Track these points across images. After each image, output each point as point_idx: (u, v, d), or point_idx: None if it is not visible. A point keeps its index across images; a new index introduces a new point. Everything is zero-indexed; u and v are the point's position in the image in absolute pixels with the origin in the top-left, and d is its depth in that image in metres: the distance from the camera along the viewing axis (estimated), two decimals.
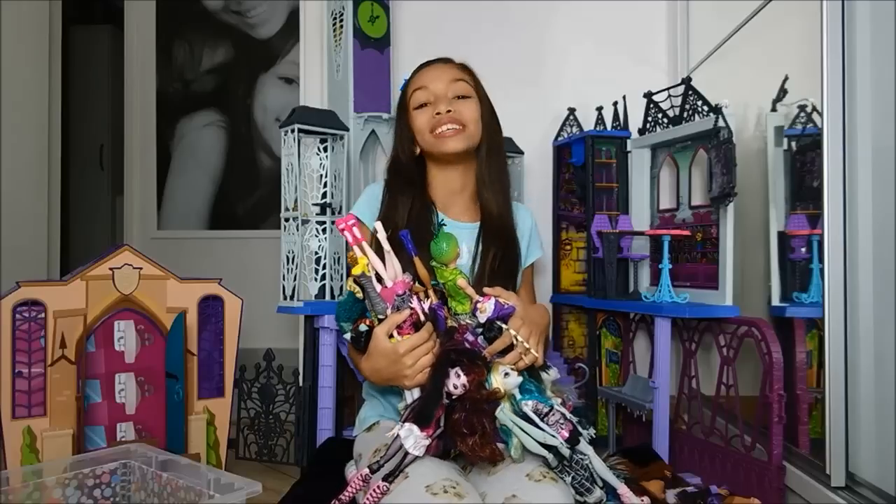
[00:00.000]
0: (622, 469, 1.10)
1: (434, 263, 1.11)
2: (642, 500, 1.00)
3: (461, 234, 1.21)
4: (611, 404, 1.67)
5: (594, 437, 1.00)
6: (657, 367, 1.46)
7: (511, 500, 0.90)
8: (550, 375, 1.06)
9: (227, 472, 1.13)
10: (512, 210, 1.36)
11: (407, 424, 0.93)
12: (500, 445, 0.97)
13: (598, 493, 0.96)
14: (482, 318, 1.03)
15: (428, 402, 0.95)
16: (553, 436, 0.94)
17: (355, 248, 1.03)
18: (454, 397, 0.95)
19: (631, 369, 1.76)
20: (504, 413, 0.95)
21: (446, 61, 1.35)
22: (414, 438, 0.92)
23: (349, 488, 0.93)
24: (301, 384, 1.66)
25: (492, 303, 1.03)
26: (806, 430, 1.34)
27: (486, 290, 1.08)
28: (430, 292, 1.07)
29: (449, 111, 1.26)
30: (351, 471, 1.22)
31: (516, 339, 1.03)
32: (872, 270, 1.15)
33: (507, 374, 0.97)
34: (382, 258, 1.04)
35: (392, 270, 1.04)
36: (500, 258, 1.27)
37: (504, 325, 1.04)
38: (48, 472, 1.18)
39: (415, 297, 1.04)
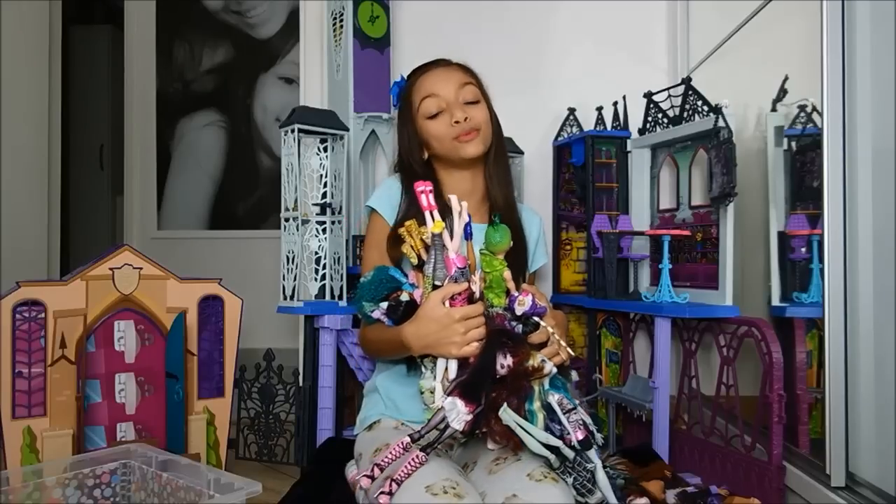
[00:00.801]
0: (622, 469, 1.10)
1: (484, 252, 1.11)
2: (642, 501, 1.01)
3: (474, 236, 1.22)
4: (611, 404, 1.67)
5: (602, 444, 1.00)
6: (657, 367, 1.46)
7: (511, 499, 0.90)
8: (574, 375, 1.08)
9: (227, 472, 1.13)
10: (517, 210, 1.37)
11: (451, 398, 0.94)
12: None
13: (599, 494, 0.96)
14: (519, 312, 1.05)
15: (478, 376, 0.96)
16: (568, 433, 0.95)
17: (427, 213, 1.05)
18: (497, 377, 0.96)
19: (631, 369, 1.76)
20: (507, 413, 0.95)
21: (447, 64, 1.34)
22: (457, 412, 0.92)
23: (389, 454, 0.94)
24: (301, 384, 1.66)
25: (530, 298, 1.05)
26: (806, 430, 1.34)
27: (524, 286, 1.09)
28: (475, 279, 1.08)
29: (466, 118, 1.27)
30: (351, 470, 1.22)
31: (553, 336, 1.05)
32: (872, 270, 1.15)
33: (543, 360, 0.99)
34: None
35: (457, 243, 1.06)
36: (510, 259, 1.28)
37: (541, 322, 1.06)
38: (48, 472, 1.18)
39: (474, 275, 1.06)
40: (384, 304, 1.10)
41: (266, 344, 1.83)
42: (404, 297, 1.09)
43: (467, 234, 1.08)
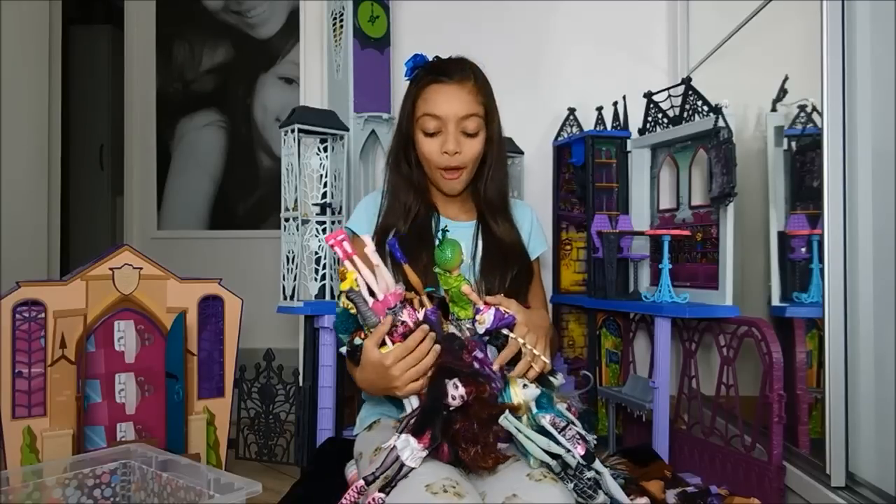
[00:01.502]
0: (622, 469, 1.10)
1: (438, 270, 1.09)
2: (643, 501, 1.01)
3: (460, 234, 1.21)
4: (611, 404, 1.67)
5: (595, 445, 1.00)
6: (657, 367, 1.46)
7: (511, 499, 0.90)
8: (558, 380, 1.06)
9: (227, 472, 1.13)
10: (509, 208, 1.37)
11: (403, 436, 0.93)
12: (503, 446, 0.97)
13: (601, 497, 0.95)
14: (481, 330, 1.02)
15: (424, 415, 0.95)
16: (568, 450, 0.94)
17: (346, 262, 1.02)
18: (452, 408, 0.94)
19: (631, 369, 1.76)
20: (507, 420, 0.94)
21: (461, 80, 1.27)
22: (410, 450, 0.91)
23: (344, 500, 0.92)
24: (301, 384, 1.67)
25: (491, 313, 1.02)
26: (806, 430, 1.34)
27: (487, 299, 1.07)
28: (424, 298, 1.06)
29: (457, 152, 1.25)
30: (351, 470, 1.22)
31: (524, 347, 1.02)
32: (872, 270, 1.15)
33: (525, 385, 0.97)
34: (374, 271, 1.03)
35: (384, 283, 1.02)
36: (513, 259, 1.28)
37: (511, 334, 1.03)
38: (48, 472, 1.18)
39: (407, 307, 1.03)
40: (343, 349, 1.09)
41: (266, 344, 1.83)
42: (357, 340, 1.05)
43: (400, 259, 1.05)
